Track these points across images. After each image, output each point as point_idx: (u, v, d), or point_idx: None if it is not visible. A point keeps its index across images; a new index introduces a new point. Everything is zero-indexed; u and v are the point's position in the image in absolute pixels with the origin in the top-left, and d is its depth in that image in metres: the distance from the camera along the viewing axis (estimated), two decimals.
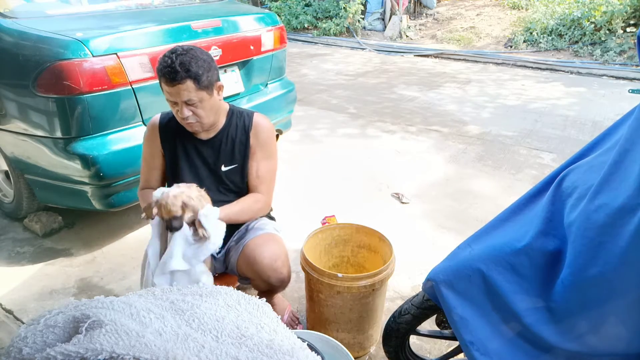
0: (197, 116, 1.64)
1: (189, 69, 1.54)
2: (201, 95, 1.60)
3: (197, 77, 1.56)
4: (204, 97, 1.61)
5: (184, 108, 1.60)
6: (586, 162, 1.13)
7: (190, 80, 1.55)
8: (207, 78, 1.60)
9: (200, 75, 1.57)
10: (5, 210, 2.88)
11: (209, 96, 1.63)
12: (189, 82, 1.55)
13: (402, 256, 2.28)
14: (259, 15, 3.08)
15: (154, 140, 1.80)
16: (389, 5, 9.52)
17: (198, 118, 1.65)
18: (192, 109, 1.62)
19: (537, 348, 1.13)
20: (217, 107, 1.72)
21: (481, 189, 3.33)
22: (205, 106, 1.64)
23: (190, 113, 1.62)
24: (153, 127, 1.80)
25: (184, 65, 1.54)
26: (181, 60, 1.54)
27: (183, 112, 1.61)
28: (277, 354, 0.94)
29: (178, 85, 1.55)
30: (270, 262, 1.72)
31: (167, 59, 1.55)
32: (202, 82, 1.58)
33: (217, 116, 1.75)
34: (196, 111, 1.63)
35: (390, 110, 5.14)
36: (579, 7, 7.96)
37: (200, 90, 1.59)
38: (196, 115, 1.64)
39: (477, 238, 1.30)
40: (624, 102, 5.36)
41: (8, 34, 2.22)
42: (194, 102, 1.60)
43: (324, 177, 3.50)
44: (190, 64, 1.55)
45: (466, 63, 7.76)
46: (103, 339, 0.85)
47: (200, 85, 1.58)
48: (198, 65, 1.56)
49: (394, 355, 1.63)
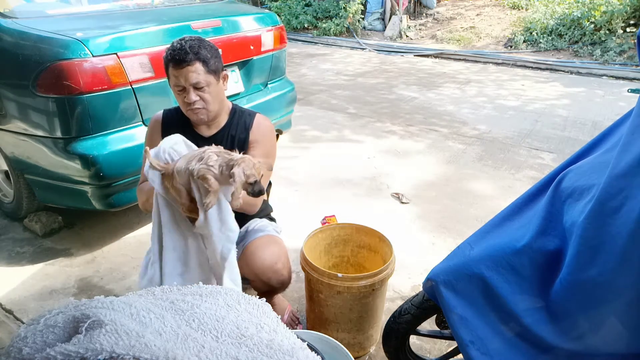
0: (203, 101, 1.65)
1: (198, 52, 1.58)
2: (209, 79, 1.62)
3: (205, 60, 1.60)
4: (212, 81, 1.64)
5: (191, 92, 1.61)
6: (586, 162, 1.13)
7: (199, 62, 1.58)
8: (215, 63, 1.64)
9: (209, 59, 1.61)
10: (5, 210, 2.88)
11: (216, 81, 1.66)
12: (198, 64, 1.58)
13: (402, 256, 2.28)
14: (259, 15, 3.08)
15: (156, 136, 1.79)
16: (389, 5, 9.53)
17: (204, 104, 1.66)
18: (199, 94, 1.63)
19: (537, 348, 1.14)
20: (222, 96, 1.74)
21: (481, 189, 3.33)
22: (212, 91, 1.66)
23: (198, 98, 1.63)
24: (156, 123, 1.81)
25: (194, 48, 1.58)
26: (190, 44, 1.58)
27: (190, 96, 1.62)
28: (277, 354, 0.94)
29: (187, 67, 1.57)
30: (271, 264, 1.72)
31: (177, 44, 1.59)
32: (210, 65, 1.61)
33: (222, 106, 1.76)
34: (203, 96, 1.64)
35: (390, 111, 5.14)
36: (579, 7, 7.96)
37: (209, 74, 1.62)
38: (203, 100, 1.64)
39: (476, 238, 1.30)
40: (624, 102, 5.37)
41: (8, 34, 2.22)
42: (202, 86, 1.61)
43: (324, 177, 3.50)
44: (200, 47, 1.59)
45: (466, 63, 7.76)
46: (103, 339, 0.85)
47: (209, 69, 1.61)
48: (207, 49, 1.61)
49: (394, 355, 1.63)
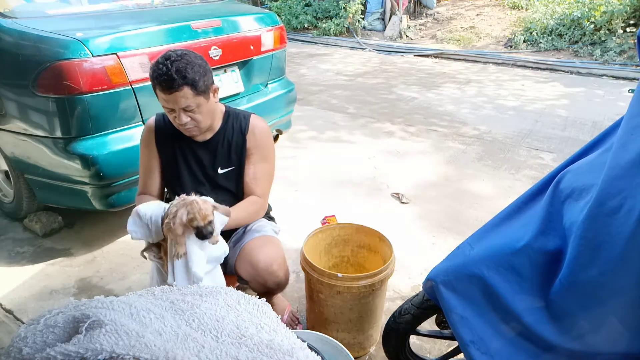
0: (195, 121, 1.63)
1: (185, 76, 1.51)
2: (198, 100, 1.58)
3: (194, 83, 1.54)
4: (201, 102, 1.60)
5: (181, 115, 1.59)
6: (585, 162, 1.13)
7: (187, 87, 1.53)
8: (204, 83, 1.58)
9: (197, 81, 1.54)
10: (5, 210, 2.88)
11: (206, 100, 1.62)
12: (186, 89, 1.53)
13: (402, 256, 2.28)
14: (259, 15, 3.08)
15: (150, 144, 1.79)
16: (389, 5, 9.52)
17: (196, 123, 1.64)
18: (190, 115, 1.60)
19: (538, 347, 1.14)
20: (214, 109, 1.71)
21: (481, 189, 3.34)
22: (203, 110, 1.63)
23: (189, 119, 1.61)
24: (149, 131, 1.79)
25: (180, 72, 1.51)
26: (177, 67, 1.51)
27: (181, 118, 1.59)
28: (277, 354, 0.94)
29: (175, 93, 1.52)
30: (266, 266, 1.71)
31: (162, 66, 1.51)
32: (199, 87, 1.55)
33: (214, 119, 1.74)
34: (194, 116, 1.62)
35: (390, 111, 5.14)
36: (578, 7, 7.96)
37: (198, 96, 1.57)
38: (194, 120, 1.63)
39: (476, 238, 1.30)
40: (624, 102, 5.36)
41: (8, 34, 2.22)
42: (192, 108, 1.58)
43: (324, 177, 3.50)
44: (187, 70, 1.51)
45: (466, 63, 7.76)
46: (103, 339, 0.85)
47: (198, 91, 1.56)
48: (194, 70, 1.53)
49: (394, 355, 1.63)
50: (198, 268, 1.49)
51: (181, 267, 1.50)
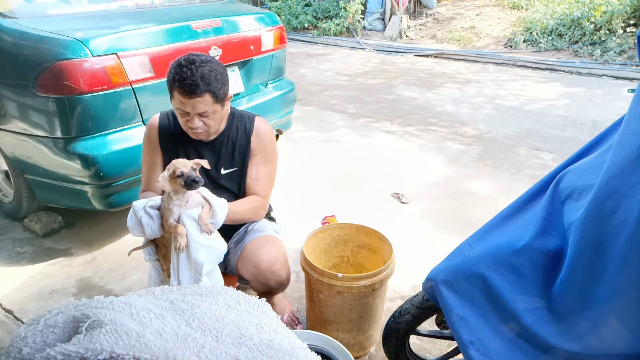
0: (206, 126, 1.64)
1: (209, 83, 1.51)
2: (215, 107, 1.59)
3: (216, 91, 1.54)
4: (217, 109, 1.61)
5: (195, 119, 1.59)
6: (584, 162, 1.13)
7: (209, 94, 1.53)
8: (224, 91, 1.59)
9: (219, 90, 1.55)
10: (5, 210, 2.88)
11: (221, 108, 1.63)
12: (208, 96, 1.53)
13: (402, 256, 2.28)
14: (259, 15, 3.08)
15: (154, 142, 1.79)
16: (389, 5, 9.52)
17: (206, 128, 1.64)
18: (203, 120, 1.61)
19: (537, 348, 1.13)
20: (225, 116, 1.73)
21: (481, 189, 3.34)
22: (216, 117, 1.64)
23: (201, 124, 1.61)
24: (152, 129, 1.79)
25: (205, 79, 1.50)
26: (202, 72, 1.50)
27: (194, 123, 1.60)
28: (277, 354, 0.94)
29: (196, 98, 1.52)
30: (268, 265, 1.72)
31: (186, 70, 1.50)
32: (219, 95, 1.57)
33: (223, 124, 1.75)
34: (207, 122, 1.62)
35: (389, 111, 5.14)
36: (579, 7, 7.96)
37: (216, 104, 1.58)
38: (206, 125, 1.63)
39: (476, 238, 1.30)
40: (624, 102, 5.36)
41: (8, 34, 2.22)
42: (207, 114, 1.59)
43: (324, 177, 3.50)
44: (211, 77, 1.51)
45: (466, 63, 7.76)
46: (103, 339, 0.85)
47: (217, 99, 1.57)
48: (217, 79, 1.54)
49: (394, 355, 1.63)
50: (198, 254, 1.49)
51: (184, 260, 1.50)
